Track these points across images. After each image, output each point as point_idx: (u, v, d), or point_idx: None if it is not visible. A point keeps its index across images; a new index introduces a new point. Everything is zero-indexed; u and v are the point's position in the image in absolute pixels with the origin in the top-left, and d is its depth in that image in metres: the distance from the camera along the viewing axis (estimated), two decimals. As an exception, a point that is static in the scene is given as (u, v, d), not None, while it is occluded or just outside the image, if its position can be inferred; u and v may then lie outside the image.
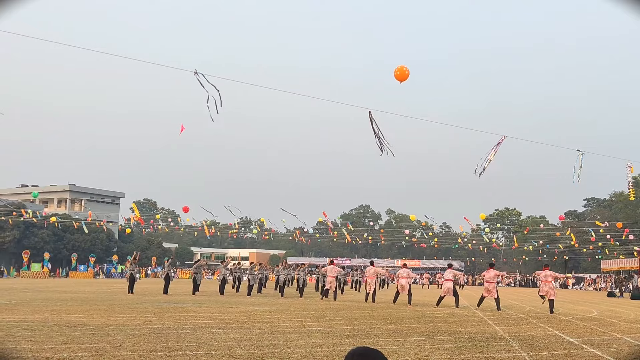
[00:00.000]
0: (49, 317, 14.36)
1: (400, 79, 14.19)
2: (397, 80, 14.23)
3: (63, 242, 76.69)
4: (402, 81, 14.25)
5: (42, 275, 62.04)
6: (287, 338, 11.00)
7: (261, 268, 32.70)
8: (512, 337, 12.19)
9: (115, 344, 9.61)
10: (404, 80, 14.26)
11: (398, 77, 14.19)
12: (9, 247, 71.37)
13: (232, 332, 11.84)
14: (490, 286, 21.76)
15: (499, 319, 17.29)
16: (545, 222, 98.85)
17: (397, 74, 14.18)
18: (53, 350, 8.89)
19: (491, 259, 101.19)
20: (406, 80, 14.28)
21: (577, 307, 25.62)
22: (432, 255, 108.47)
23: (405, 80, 14.25)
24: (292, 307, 20.06)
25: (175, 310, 17.27)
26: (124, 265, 70.23)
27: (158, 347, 9.47)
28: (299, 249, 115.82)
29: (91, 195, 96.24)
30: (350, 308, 20.57)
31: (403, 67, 14.30)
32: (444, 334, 12.69)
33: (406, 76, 14.26)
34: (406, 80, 14.28)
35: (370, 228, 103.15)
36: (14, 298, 22.10)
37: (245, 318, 15.25)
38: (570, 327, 15.24)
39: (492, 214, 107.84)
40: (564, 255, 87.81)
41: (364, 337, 11.64)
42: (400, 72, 14.23)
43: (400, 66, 14.31)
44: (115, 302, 20.94)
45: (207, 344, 9.95)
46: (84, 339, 10.26)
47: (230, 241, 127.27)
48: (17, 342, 9.69)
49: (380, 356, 2.77)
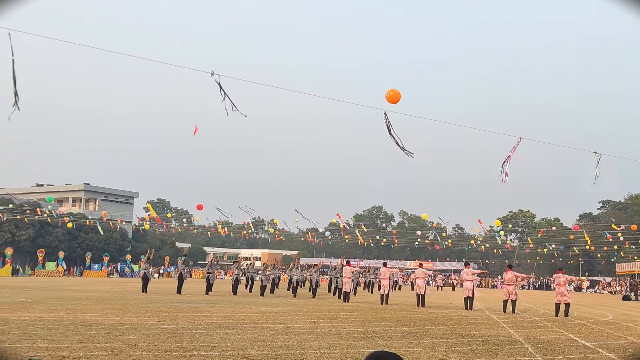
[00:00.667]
0: (65, 315, 14.48)
1: (392, 102, 14.13)
2: (390, 103, 14.14)
3: (77, 241, 77.32)
4: (394, 103, 14.18)
5: (56, 274, 62.58)
6: (301, 339, 11.01)
7: (274, 268, 32.74)
8: (527, 341, 12.12)
9: (130, 344, 9.67)
10: (396, 102, 14.19)
11: (390, 99, 14.14)
12: (24, 245, 72.06)
13: (245, 332, 11.87)
14: (510, 288, 21.53)
15: (514, 322, 17.19)
16: (559, 225, 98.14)
17: (389, 96, 14.13)
18: (69, 349, 8.97)
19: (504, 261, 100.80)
20: (398, 102, 14.20)
21: (592, 311, 25.40)
22: (445, 257, 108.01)
23: (397, 102, 14.17)
24: (305, 308, 20.07)
25: (188, 310, 17.35)
26: (137, 264, 70.67)
27: (173, 347, 9.51)
28: (312, 250, 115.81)
29: (105, 194, 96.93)
30: (363, 309, 20.54)
31: (395, 90, 14.26)
32: (458, 336, 12.64)
33: (398, 98, 14.20)
34: (398, 102, 14.20)
35: (383, 229, 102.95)
36: (29, 296, 22.31)
37: (259, 318, 15.28)
38: (585, 330, 15.12)
39: (505, 216, 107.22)
40: (579, 258, 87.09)
41: (377, 339, 11.62)
42: (393, 94, 14.18)
43: (391, 89, 14.28)
44: (129, 301, 21.07)
45: (221, 344, 9.98)
46: (100, 338, 10.34)
47: (243, 241, 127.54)
48: (33, 340, 9.78)
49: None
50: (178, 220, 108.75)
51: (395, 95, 14.04)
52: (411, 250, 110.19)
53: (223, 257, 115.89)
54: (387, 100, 14.05)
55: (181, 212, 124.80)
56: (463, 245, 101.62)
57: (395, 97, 14.04)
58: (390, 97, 14.03)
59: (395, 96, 14.04)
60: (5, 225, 71.12)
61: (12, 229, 71.67)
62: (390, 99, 14.02)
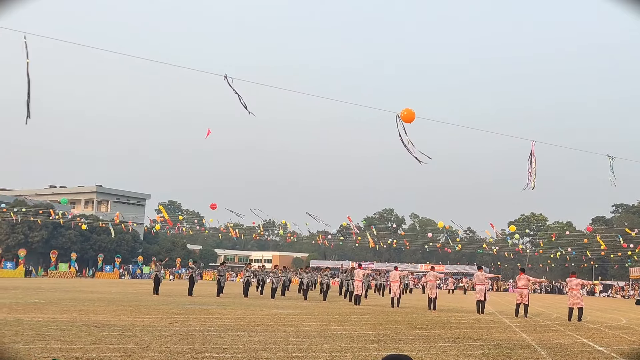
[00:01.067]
0: (77, 317, 14.57)
1: (407, 121, 14.28)
2: (405, 122, 14.31)
3: (90, 243, 77.82)
4: (409, 122, 14.36)
5: (69, 275, 62.98)
6: (312, 342, 11.00)
7: (284, 271, 32.76)
8: (539, 345, 12.03)
9: (142, 345, 9.72)
10: (411, 121, 14.37)
11: (405, 118, 14.28)
12: (37, 247, 72.62)
13: (257, 334, 11.89)
14: (523, 292, 21.39)
15: (526, 326, 17.08)
16: (571, 228, 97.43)
17: (403, 115, 14.26)
18: (82, 350, 9.02)
19: (516, 264, 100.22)
20: (412, 121, 14.39)
21: (605, 315, 25.19)
22: (457, 260, 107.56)
23: (411, 121, 14.37)
24: (316, 311, 20.06)
25: (200, 312, 17.40)
26: (148, 266, 70.98)
27: (185, 348, 9.54)
28: (322, 252, 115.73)
29: (117, 196, 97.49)
30: (374, 312, 20.50)
31: (409, 110, 14.40)
32: (470, 340, 12.58)
33: (413, 117, 14.35)
34: (412, 121, 14.39)
35: (394, 232, 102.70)
36: (42, 297, 22.47)
37: (270, 321, 15.30)
38: (598, 335, 15.00)
39: (517, 219, 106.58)
40: (592, 261, 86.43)
41: (389, 342, 11.59)
42: (407, 113, 14.30)
43: (406, 109, 14.42)
44: (141, 303, 21.16)
45: (233, 346, 10.00)
46: (112, 339, 10.40)
47: (254, 243, 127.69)
48: (47, 341, 9.85)
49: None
50: (189, 222, 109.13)
51: (410, 115, 14.18)
52: (422, 253, 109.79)
53: (234, 259, 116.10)
54: (402, 119, 14.21)
55: (192, 214, 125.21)
56: (474, 249, 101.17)
57: (409, 117, 14.18)
58: (405, 117, 14.17)
59: (410, 116, 14.18)
60: (19, 226, 71.70)
61: (25, 231, 72.26)
62: (405, 119, 14.16)
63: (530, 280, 23.92)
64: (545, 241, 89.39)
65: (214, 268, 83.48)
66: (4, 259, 62.88)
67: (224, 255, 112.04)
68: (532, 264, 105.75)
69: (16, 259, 63.84)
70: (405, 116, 14.20)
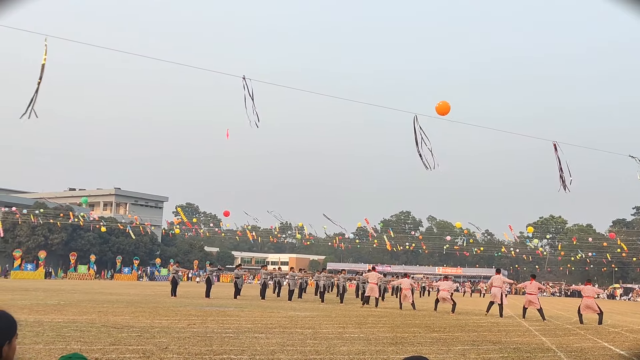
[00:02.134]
0: (97, 318, 14.70)
1: (442, 113, 14.31)
2: (439, 114, 14.36)
3: (108, 245, 78.47)
4: (444, 114, 14.40)
5: (88, 277, 63.57)
6: (330, 344, 10.99)
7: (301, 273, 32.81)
8: (559, 349, 11.90)
9: (161, 347, 9.78)
10: (446, 113, 14.40)
11: (440, 110, 14.30)
12: (57, 249, 73.41)
13: (274, 337, 11.90)
14: (532, 297, 21.41)
15: (545, 329, 16.91)
16: (592, 231, 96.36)
17: (438, 107, 14.29)
18: (102, 351, 9.10)
19: (535, 267, 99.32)
20: (448, 113, 14.44)
21: (626, 319, 24.87)
22: (474, 263, 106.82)
23: (447, 113, 14.41)
24: (334, 313, 20.04)
25: (217, 314, 17.46)
26: (166, 268, 71.41)
27: (203, 350, 9.59)
28: (339, 255, 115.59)
29: (135, 199, 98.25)
30: (391, 315, 20.42)
31: (445, 102, 14.43)
32: (488, 343, 12.48)
33: (448, 110, 14.38)
34: (448, 113, 14.44)
35: (411, 235, 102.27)
36: (62, 299, 22.71)
37: (288, 323, 15.31)
38: (619, 339, 14.81)
39: (536, 222, 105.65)
40: (612, 265, 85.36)
41: (406, 345, 11.54)
42: (442, 105, 14.32)
43: (442, 101, 14.45)
44: (159, 304, 21.29)
45: (251, 348, 10.02)
46: (131, 340, 10.47)
47: (271, 246, 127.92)
48: (67, 342, 9.95)
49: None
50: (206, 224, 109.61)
51: (444, 107, 14.17)
52: (440, 256, 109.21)
53: (251, 262, 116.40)
54: (437, 110, 14.21)
55: (210, 216, 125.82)
56: (492, 251, 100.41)
57: (444, 109, 14.18)
58: (439, 109, 14.17)
59: (444, 108, 14.18)
60: (39, 229, 72.55)
61: (45, 233, 73.07)
62: (440, 111, 14.16)
63: (541, 288, 23.82)
64: (565, 244, 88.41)
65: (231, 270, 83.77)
66: (25, 260, 63.62)
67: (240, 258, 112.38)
68: (551, 267, 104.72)
69: (36, 261, 64.56)
70: (440, 107, 14.19)
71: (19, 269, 59.53)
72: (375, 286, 25.31)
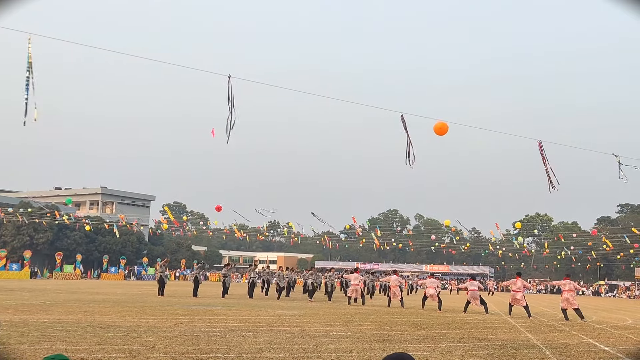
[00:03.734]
0: (82, 318, 14.61)
1: (440, 133, 14.54)
2: (437, 134, 14.60)
3: (95, 244, 77.99)
4: (441, 135, 14.64)
5: (74, 277, 63.13)
6: (317, 342, 11.00)
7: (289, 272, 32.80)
8: (545, 345, 12.01)
9: (147, 346, 9.74)
10: (444, 134, 14.66)
11: (438, 131, 14.51)
12: (43, 248, 72.83)
13: (262, 335, 11.90)
14: (518, 295, 21.57)
15: (531, 326, 17.04)
16: (577, 229, 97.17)
17: (437, 128, 14.48)
18: (87, 350, 9.05)
19: (521, 264, 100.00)
20: (445, 134, 14.71)
21: (610, 315, 25.11)
22: (462, 261, 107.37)
23: (444, 134, 14.68)
24: (321, 312, 20.06)
25: (205, 313, 17.42)
26: (153, 267, 71.09)
27: (190, 349, 9.56)
28: (327, 254, 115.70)
29: (122, 198, 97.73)
30: (379, 313, 20.48)
31: (443, 123, 14.64)
32: (475, 340, 12.56)
33: (446, 130, 14.63)
34: (445, 134, 14.71)
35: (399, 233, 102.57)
36: (47, 299, 22.53)
37: (275, 321, 15.30)
38: (604, 335, 14.95)
39: (522, 219, 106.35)
40: (597, 262, 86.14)
41: (394, 342, 11.58)
42: (441, 126, 14.51)
43: (440, 122, 14.66)
44: (146, 304, 21.20)
45: (238, 347, 10.01)
46: (117, 340, 10.42)
47: (259, 244, 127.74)
48: (52, 342, 9.88)
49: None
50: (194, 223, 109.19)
51: (442, 129, 14.37)
52: (427, 254, 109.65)
53: (239, 260, 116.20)
54: (435, 130, 14.40)
55: (197, 215, 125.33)
56: (479, 249, 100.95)
57: (442, 130, 14.38)
58: (437, 129, 14.34)
59: (442, 129, 14.38)
60: (24, 228, 71.94)
61: (30, 232, 72.47)
62: (438, 131, 14.34)
63: (527, 286, 24.05)
64: (551, 242, 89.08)
65: (219, 269, 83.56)
66: (10, 260, 63.02)
67: (228, 257, 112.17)
68: (537, 264, 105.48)
69: (22, 261, 64.01)
70: (439, 128, 14.41)
71: (4, 269, 58.96)
72: (357, 287, 25.55)
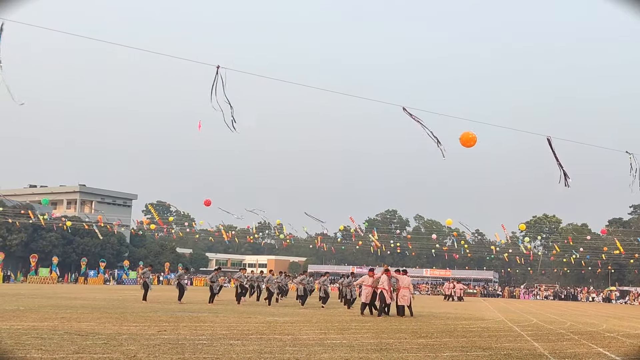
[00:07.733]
0: (59, 324, 14.57)
1: (467, 145, 14.65)
2: (463, 146, 14.71)
3: (72, 246, 77.73)
4: (468, 147, 14.74)
5: (50, 281, 62.92)
6: (310, 351, 11.01)
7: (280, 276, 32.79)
8: (552, 355, 12.04)
9: (129, 355, 9.72)
10: (471, 146, 14.75)
11: (465, 142, 14.60)
12: (16, 250, 72.51)
13: (251, 343, 11.89)
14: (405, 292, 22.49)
15: (538, 334, 17.10)
16: (587, 231, 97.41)
17: (464, 140, 14.58)
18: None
19: (528, 269, 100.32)
20: (473, 146, 14.79)
21: (622, 323, 25.21)
22: (464, 264, 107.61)
23: (472, 146, 14.76)
24: (314, 318, 20.07)
25: (190, 320, 17.40)
26: (135, 271, 70.94)
27: (174, 358, 9.55)
28: (321, 256, 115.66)
29: (102, 196, 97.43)
30: (376, 320, 20.50)
31: (472, 137, 14.72)
32: (478, 349, 12.59)
33: (474, 142, 14.72)
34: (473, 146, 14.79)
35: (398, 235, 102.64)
36: (21, 304, 22.45)
37: (265, 329, 15.30)
38: (615, 344, 15.02)
39: (529, 221, 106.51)
40: (608, 266, 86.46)
41: (392, 351, 11.59)
42: (470, 137, 14.61)
43: (466, 133, 14.75)
44: (127, 310, 21.16)
45: (226, 356, 10.01)
46: (96, 348, 10.40)
47: (248, 247, 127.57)
48: (26, 350, 9.85)
49: None
50: (178, 224, 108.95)
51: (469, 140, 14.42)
52: (427, 257, 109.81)
53: (226, 264, 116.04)
54: (461, 141, 14.47)
55: (182, 215, 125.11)
56: (483, 253, 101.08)
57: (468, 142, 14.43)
58: (463, 141, 14.40)
59: (469, 141, 14.44)
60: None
61: (3, 233, 72.16)
62: (465, 142, 14.39)
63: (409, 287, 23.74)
64: (560, 244, 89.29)
65: (206, 273, 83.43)
66: (-19, 263, 62.86)
67: (215, 260, 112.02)
68: (545, 269, 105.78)
69: (-6, 264, 63.81)
70: (466, 140, 14.47)
71: (-26, 272, 58.78)
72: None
